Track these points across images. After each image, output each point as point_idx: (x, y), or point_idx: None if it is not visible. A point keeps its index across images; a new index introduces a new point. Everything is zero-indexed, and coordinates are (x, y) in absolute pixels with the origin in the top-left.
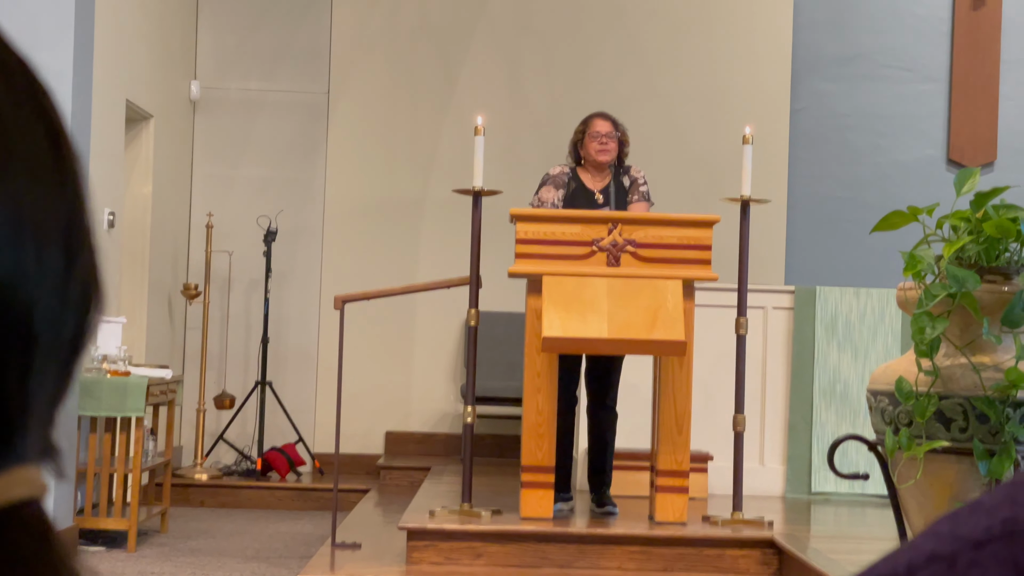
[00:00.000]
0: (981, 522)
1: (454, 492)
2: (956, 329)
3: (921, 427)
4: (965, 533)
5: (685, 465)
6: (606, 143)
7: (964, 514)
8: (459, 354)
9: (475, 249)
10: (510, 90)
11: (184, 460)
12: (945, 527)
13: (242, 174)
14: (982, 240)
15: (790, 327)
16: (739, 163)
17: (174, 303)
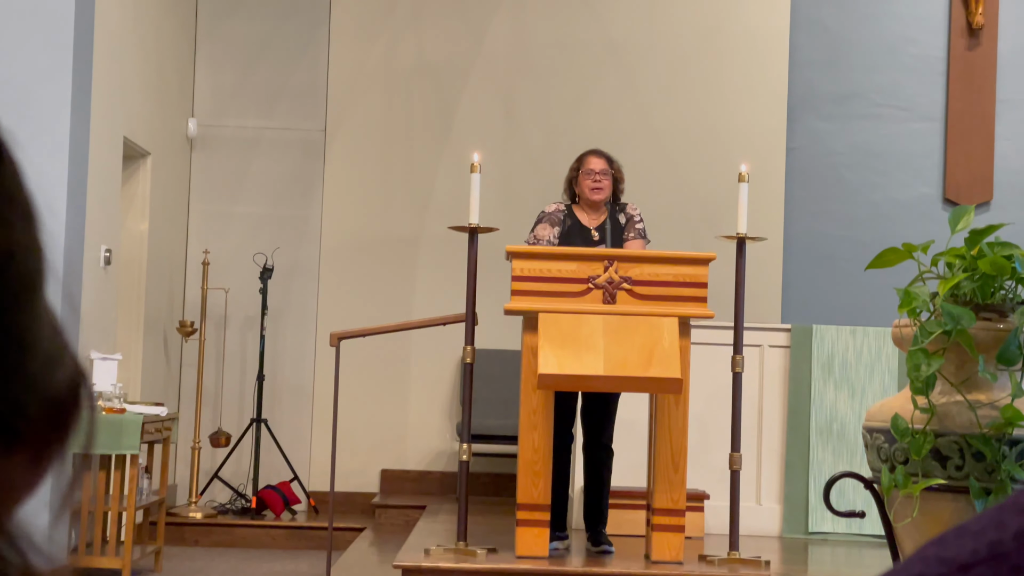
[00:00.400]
0: (967, 545)
1: (450, 530)
2: (952, 366)
3: (917, 465)
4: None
5: (681, 504)
6: (600, 181)
7: (950, 538)
8: (455, 391)
9: (471, 286)
10: (506, 127)
11: (179, 498)
12: (932, 551)
13: (239, 211)
14: (977, 277)
15: (786, 365)
16: (735, 201)
17: (170, 340)
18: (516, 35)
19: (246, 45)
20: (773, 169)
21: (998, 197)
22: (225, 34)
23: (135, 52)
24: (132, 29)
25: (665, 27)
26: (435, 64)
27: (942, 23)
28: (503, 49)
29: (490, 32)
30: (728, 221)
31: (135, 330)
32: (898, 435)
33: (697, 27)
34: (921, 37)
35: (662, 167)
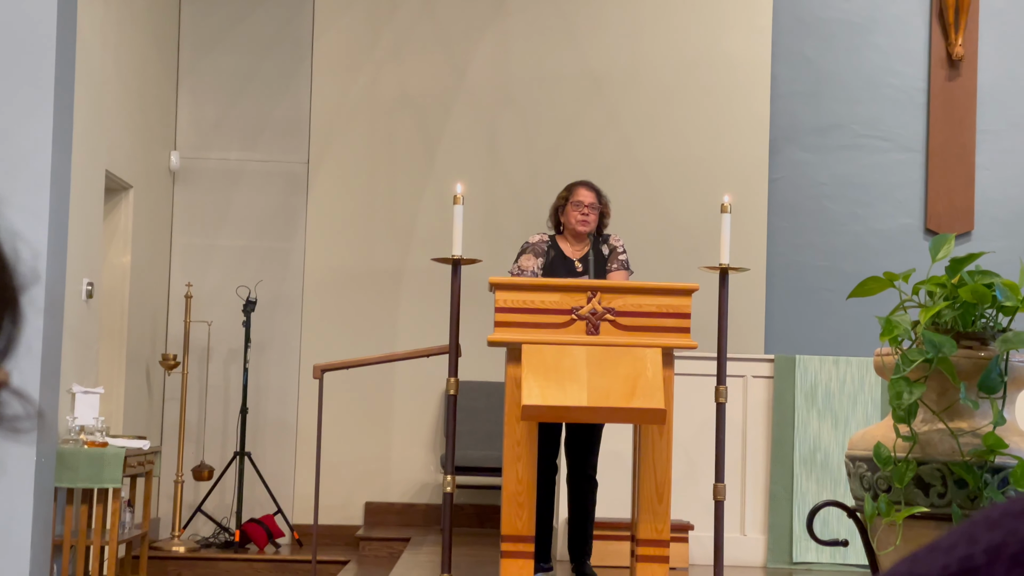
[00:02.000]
0: (939, 561)
1: (434, 562)
2: (933, 394)
3: (900, 493)
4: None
5: (666, 535)
6: (588, 214)
7: (922, 555)
8: (439, 423)
9: (454, 318)
10: (489, 159)
11: (162, 532)
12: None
13: (221, 244)
14: (958, 306)
15: (770, 396)
16: (718, 231)
17: (152, 373)
18: (498, 68)
19: (229, 78)
20: (756, 200)
21: (979, 227)
22: (207, 67)
23: (117, 85)
24: (114, 62)
25: (647, 59)
26: (418, 97)
27: (922, 55)
28: (486, 81)
29: (472, 65)
30: (711, 252)
31: (117, 363)
32: (881, 463)
33: (679, 59)
34: (902, 69)
35: (645, 198)
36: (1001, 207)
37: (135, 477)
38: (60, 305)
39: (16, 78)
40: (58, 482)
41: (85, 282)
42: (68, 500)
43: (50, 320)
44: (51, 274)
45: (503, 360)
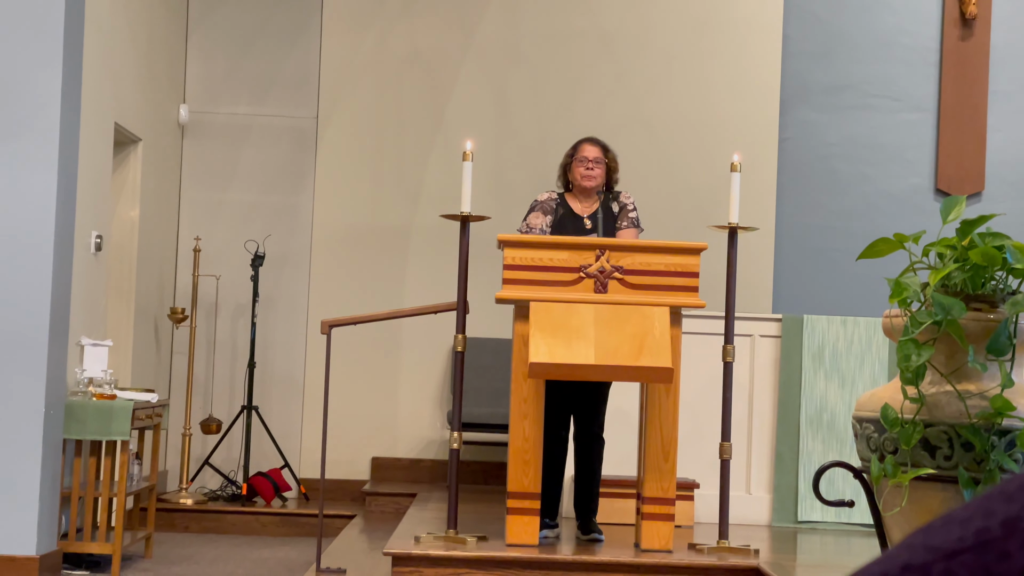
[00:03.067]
0: (954, 533)
1: (440, 518)
2: (942, 357)
3: (906, 455)
4: (938, 544)
5: (671, 493)
6: (592, 168)
7: (937, 526)
8: (446, 380)
9: (462, 275)
10: (498, 117)
11: (169, 485)
12: (919, 539)
13: (230, 198)
14: (968, 268)
15: (777, 355)
16: (727, 191)
17: (160, 327)
18: (508, 25)
19: (238, 32)
20: (765, 160)
21: (990, 188)
22: (217, 21)
23: (126, 38)
24: (123, 15)
25: (658, 18)
26: (427, 53)
27: (935, 14)
28: (495, 39)
29: (482, 22)
30: (720, 211)
31: (126, 316)
32: (888, 425)
33: (690, 18)
34: (914, 28)
35: (654, 157)
36: (1012, 169)
37: (143, 430)
38: (69, 258)
39: (26, 31)
40: (66, 434)
41: (94, 235)
42: (77, 452)
43: (59, 273)
44: (60, 227)
45: (511, 317)
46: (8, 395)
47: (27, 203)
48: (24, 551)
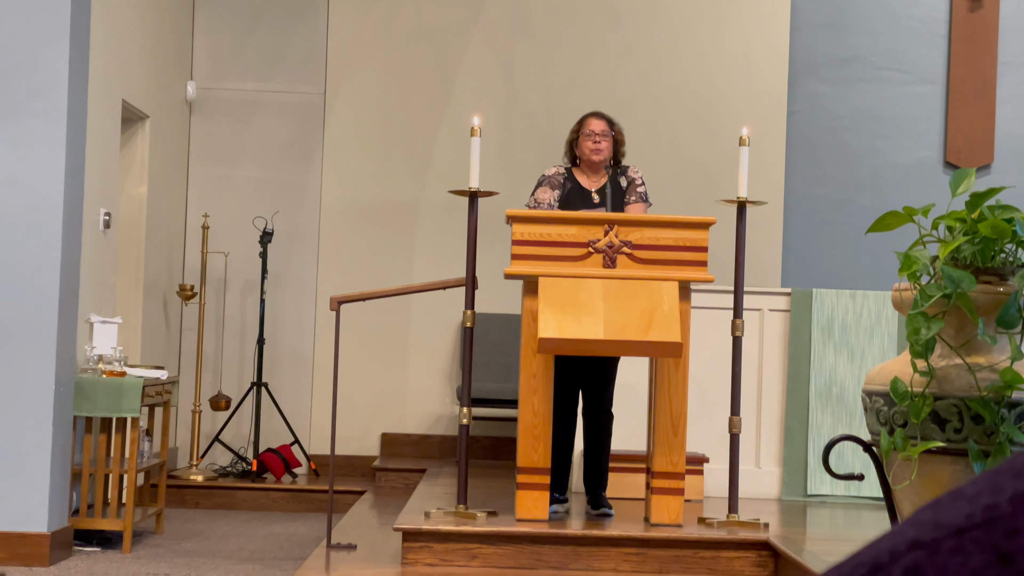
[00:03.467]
0: (962, 509)
1: (449, 494)
2: (951, 330)
3: (916, 428)
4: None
5: (681, 467)
6: (600, 142)
7: (946, 502)
8: (455, 356)
9: (471, 250)
10: (506, 92)
11: (179, 461)
12: (927, 515)
13: (238, 175)
14: (977, 241)
15: (786, 329)
16: (736, 165)
17: (169, 304)
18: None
19: (245, 8)
20: (774, 133)
21: (999, 160)
22: None
23: (133, 14)
24: None
25: None
26: (435, 28)
27: None
28: (503, 14)
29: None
30: (729, 185)
31: (135, 294)
32: (897, 398)
33: None
34: (923, 0)
35: (663, 131)
36: (1022, 141)
37: (153, 407)
38: (77, 235)
39: (32, 8)
40: (77, 411)
41: (102, 212)
42: (87, 429)
43: (67, 250)
44: (68, 204)
45: (520, 293)
46: (18, 373)
47: (35, 181)
48: (36, 528)
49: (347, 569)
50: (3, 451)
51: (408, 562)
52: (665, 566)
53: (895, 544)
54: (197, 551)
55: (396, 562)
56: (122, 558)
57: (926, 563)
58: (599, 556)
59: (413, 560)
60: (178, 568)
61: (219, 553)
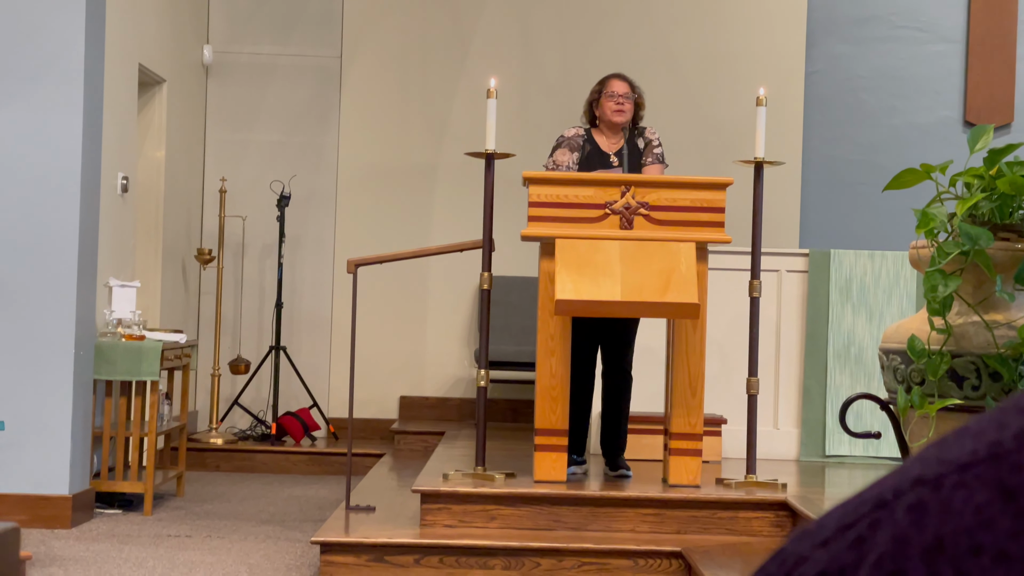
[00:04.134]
0: (967, 446)
1: (468, 456)
2: (969, 287)
3: (933, 385)
4: (951, 457)
5: (699, 428)
6: (622, 104)
7: (951, 439)
8: (472, 318)
9: (488, 212)
10: (523, 53)
11: (199, 425)
12: (932, 452)
13: (255, 139)
14: (995, 197)
15: (804, 290)
16: (753, 125)
17: (188, 268)
18: None
19: None
20: (792, 93)
21: (1019, 119)
22: None
23: None
24: None
25: None
26: None
27: None
28: None
29: None
30: (746, 146)
31: (153, 258)
32: (915, 356)
33: None
34: None
35: (680, 92)
36: None
37: (172, 370)
38: (96, 199)
39: None
40: (97, 375)
41: (120, 176)
42: (107, 392)
43: (86, 214)
44: (86, 168)
45: (537, 255)
46: (39, 336)
47: (53, 145)
48: (57, 490)
49: (366, 531)
50: (25, 414)
51: (426, 523)
52: (683, 527)
53: (899, 481)
54: (217, 513)
55: (415, 524)
56: (143, 520)
57: (930, 499)
58: (617, 517)
59: (431, 522)
60: (199, 530)
61: (239, 515)
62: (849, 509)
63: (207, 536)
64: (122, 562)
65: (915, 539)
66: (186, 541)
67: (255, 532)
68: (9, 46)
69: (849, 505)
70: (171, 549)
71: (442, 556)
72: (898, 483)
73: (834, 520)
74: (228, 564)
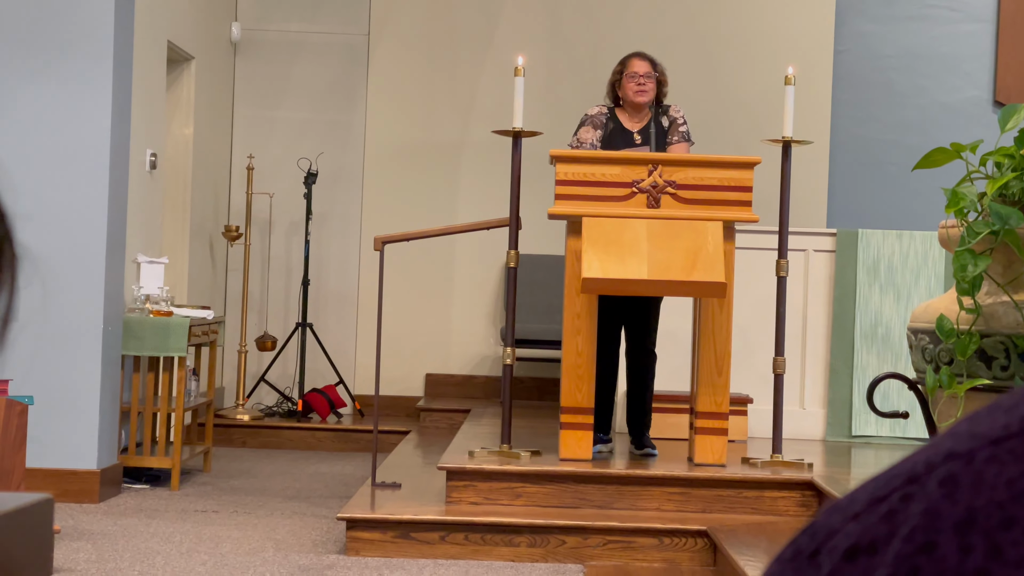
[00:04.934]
0: (999, 420)
1: (493, 434)
2: (998, 267)
3: (962, 365)
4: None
5: (725, 407)
6: (644, 83)
7: (983, 414)
8: (498, 296)
9: (515, 190)
10: (550, 31)
11: (226, 401)
12: (964, 427)
13: (283, 116)
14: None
15: (831, 270)
16: (781, 104)
17: (215, 245)
18: None
19: None
20: (820, 72)
21: None
22: None
23: None
24: None
25: None
26: None
27: None
28: None
29: None
30: (774, 125)
31: (181, 234)
32: (943, 336)
33: None
34: None
35: (707, 71)
36: None
37: (199, 346)
38: (124, 176)
39: None
40: (125, 350)
41: (148, 153)
42: (135, 368)
43: (115, 191)
44: (115, 144)
45: (563, 233)
46: (67, 312)
47: (82, 122)
48: (85, 465)
49: (391, 507)
50: (53, 390)
51: (452, 500)
52: (708, 505)
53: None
54: (244, 489)
55: (440, 500)
56: (170, 495)
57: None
58: (642, 495)
59: (457, 499)
60: (225, 505)
61: (265, 491)
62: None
63: (234, 511)
64: (149, 536)
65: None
66: (213, 516)
67: (281, 508)
68: (39, 22)
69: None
70: (198, 524)
71: (467, 533)
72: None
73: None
74: (254, 539)
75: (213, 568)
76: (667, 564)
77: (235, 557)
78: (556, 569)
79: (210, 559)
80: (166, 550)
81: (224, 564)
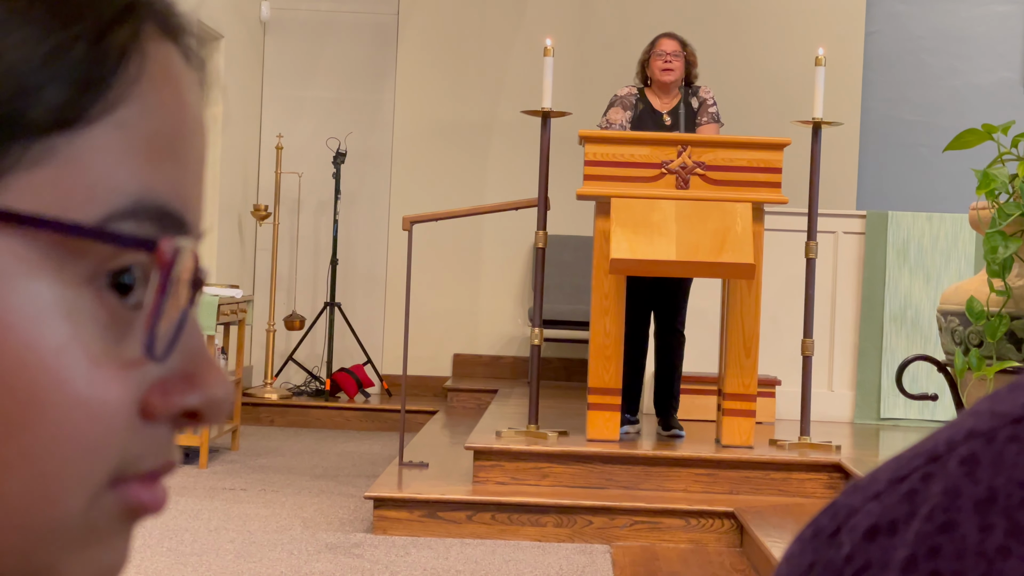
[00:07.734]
0: (1020, 399)
1: (521, 414)
2: None
3: (992, 347)
4: (1004, 410)
5: (752, 389)
6: (671, 62)
7: (1004, 393)
8: (527, 277)
9: (543, 171)
10: (580, 11)
11: (254, 380)
12: (985, 406)
13: (312, 96)
14: None
15: (861, 252)
16: (812, 85)
17: (244, 224)
18: None
19: None
20: (851, 53)
21: None
22: None
23: None
24: None
25: None
26: None
27: None
28: None
29: None
30: (804, 106)
31: (210, 213)
32: (973, 318)
33: None
34: None
35: (738, 51)
36: None
37: (228, 325)
38: None
39: None
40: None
41: None
42: None
43: None
44: None
45: (592, 214)
46: None
47: None
48: None
49: (419, 486)
50: None
51: (479, 480)
52: (735, 487)
53: (952, 435)
54: (272, 467)
55: (467, 480)
56: (199, 473)
57: (982, 451)
58: (670, 477)
59: (484, 479)
60: (253, 483)
61: (293, 470)
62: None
63: (262, 490)
64: (178, 514)
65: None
66: (241, 494)
67: (309, 486)
68: None
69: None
70: (226, 502)
71: (494, 513)
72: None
73: (887, 473)
74: (282, 517)
75: (241, 546)
76: (694, 545)
77: (263, 535)
78: (582, 549)
79: (238, 537)
80: (194, 527)
81: (252, 542)
